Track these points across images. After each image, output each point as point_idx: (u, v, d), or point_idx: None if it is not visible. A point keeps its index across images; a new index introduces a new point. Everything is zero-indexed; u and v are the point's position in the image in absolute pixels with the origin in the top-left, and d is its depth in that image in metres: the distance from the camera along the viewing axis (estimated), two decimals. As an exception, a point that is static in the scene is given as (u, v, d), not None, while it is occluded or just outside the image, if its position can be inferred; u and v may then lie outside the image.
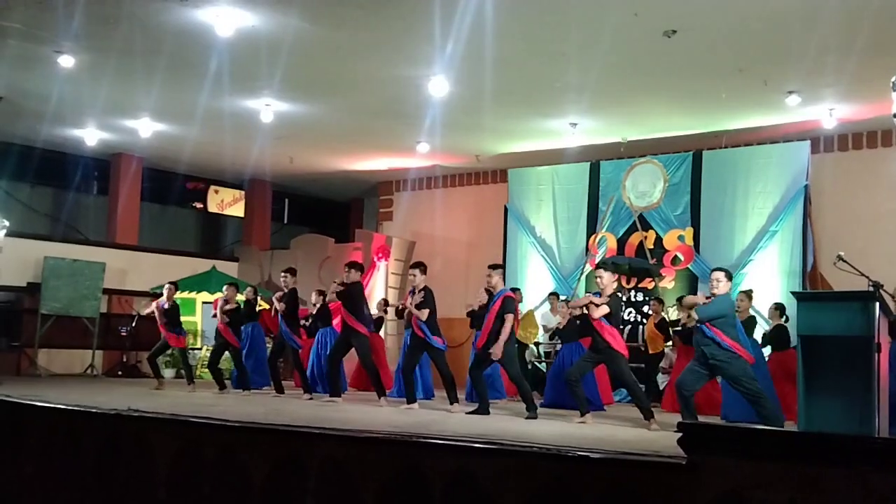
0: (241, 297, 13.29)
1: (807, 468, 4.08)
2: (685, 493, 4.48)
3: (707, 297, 8.63)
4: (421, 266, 10.66)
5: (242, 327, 13.10)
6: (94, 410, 7.99)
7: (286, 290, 12.02)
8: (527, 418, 9.20)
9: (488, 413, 9.61)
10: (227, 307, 12.66)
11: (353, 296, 10.94)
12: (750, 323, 11.00)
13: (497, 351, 9.54)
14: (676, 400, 10.50)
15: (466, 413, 9.61)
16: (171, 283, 13.36)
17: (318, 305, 13.29)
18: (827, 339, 6.52)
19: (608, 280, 9.35)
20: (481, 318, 11.13)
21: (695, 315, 8.50)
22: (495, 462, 5.36)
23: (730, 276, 8.68)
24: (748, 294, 11.32)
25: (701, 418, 9.02)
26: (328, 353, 11.89)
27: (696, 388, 8.49)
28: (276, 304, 12.00)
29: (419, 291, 10.40)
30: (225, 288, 13.13)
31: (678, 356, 11.89)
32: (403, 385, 10.69)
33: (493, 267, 10.35)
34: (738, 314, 10.50)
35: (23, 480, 8.11)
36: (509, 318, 9.62)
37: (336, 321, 13.13)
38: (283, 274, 12.26)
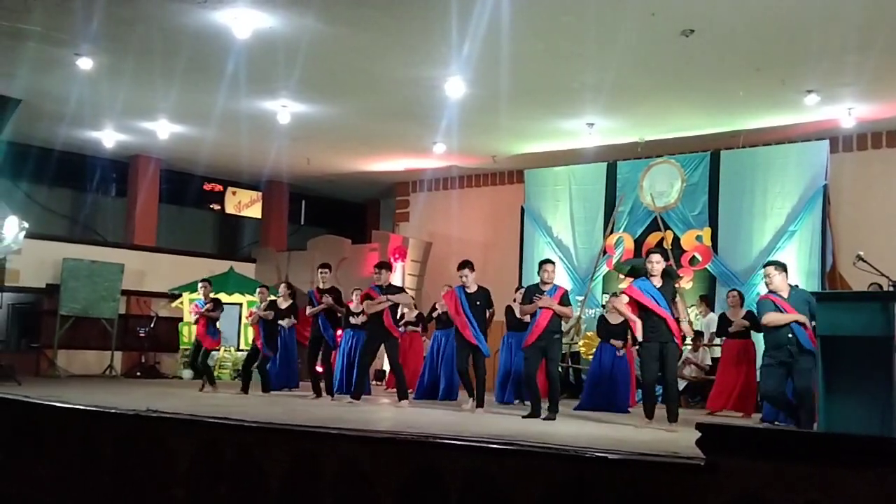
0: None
1: (826, 470, 4.05)
2: (704, 495, 4.45)
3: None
4: (470, 265, 10.29)
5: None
6: (112, 411, 8.02)
7: (327, 287, 11.84)
8: (545, 419, 9.15)
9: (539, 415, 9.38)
10: (265, 311, 12.49)
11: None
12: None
13: (568, 311, 9.69)
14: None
15: (523, 417, 9.35)
16: (204, 280, 13.37)
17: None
18: (847, 340, 6.47)
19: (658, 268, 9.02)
20: (514, 318, 11.13)
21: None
22: (512, 463, 5.35)
23: (783, 268, 8.55)
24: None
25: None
26: (358, 354, 11.68)
27: (782, 388, 8.41)
28: (324, 299, 11.69)
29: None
30: (258, 292, 13.10)
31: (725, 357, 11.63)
32: (463, 385, 10.52)
33: (546, 262, 9.88)
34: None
35: (41, 481, 8.15)
36: (570, 309, 9.71)
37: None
38: (321, 270, 11.98)
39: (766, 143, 14.49)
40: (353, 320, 12.37)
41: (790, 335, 8.13)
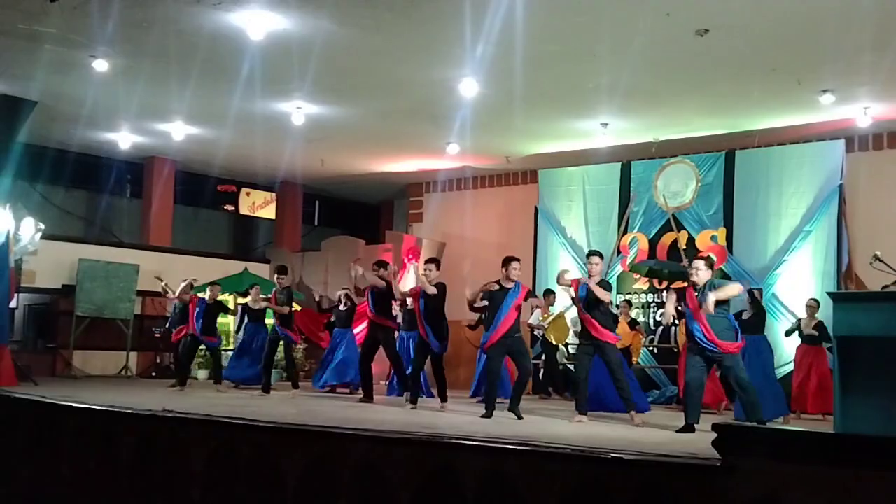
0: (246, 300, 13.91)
1: (844, 471, 4.04)
2: (721, 496, 4.44)
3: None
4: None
5: (247, 324, 13.87)
6: (128, 411, 8.06)
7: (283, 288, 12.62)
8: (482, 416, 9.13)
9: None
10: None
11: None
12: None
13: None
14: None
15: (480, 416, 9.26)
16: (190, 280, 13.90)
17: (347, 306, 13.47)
18: (864, 340, 6.44)
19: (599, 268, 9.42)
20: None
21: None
22: (528, 463, 5.35)
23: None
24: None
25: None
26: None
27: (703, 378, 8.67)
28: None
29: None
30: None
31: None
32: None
33: (513, 259, 10.09)
34: None
35: (58, 481, 8.19)
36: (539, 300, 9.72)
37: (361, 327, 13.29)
38: (279, 276, 12.66)
39: (782, 143, 14.42)
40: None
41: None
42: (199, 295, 13.51)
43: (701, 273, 8.51)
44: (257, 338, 13.81)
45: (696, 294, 8.42)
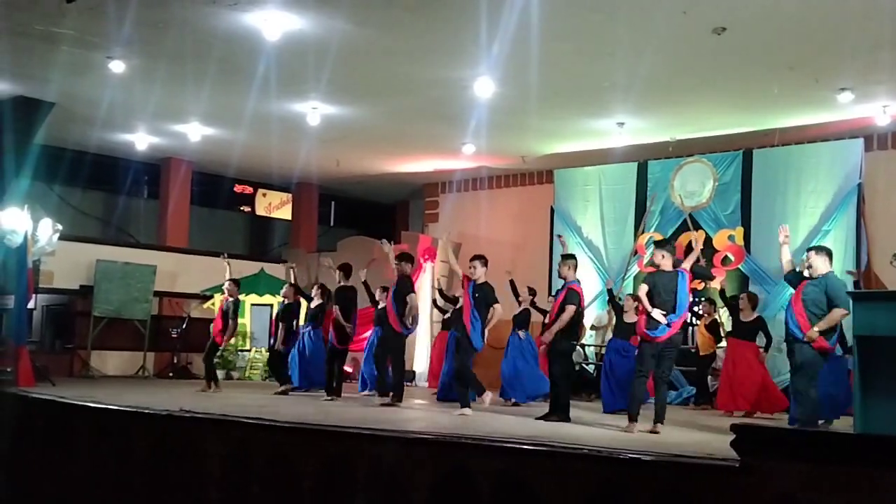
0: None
1: (863, 471, 4.00)
2: (739, 496, 4.42)
3: None
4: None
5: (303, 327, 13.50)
6: (145, 411, 8.09)
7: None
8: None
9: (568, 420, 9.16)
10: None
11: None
12: None
13: (547, 336, 9.30)
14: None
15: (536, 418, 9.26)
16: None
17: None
18: (883, 340, 6.40)
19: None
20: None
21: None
22: (544, 464, 5.34)
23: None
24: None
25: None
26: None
27: None
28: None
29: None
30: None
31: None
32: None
33: (565, 257, 9.92)
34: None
35: (76, 480, 8.23)
36: (570, 308, 9.22)
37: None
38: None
39: (800, 142, 14.31)
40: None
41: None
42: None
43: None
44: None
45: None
